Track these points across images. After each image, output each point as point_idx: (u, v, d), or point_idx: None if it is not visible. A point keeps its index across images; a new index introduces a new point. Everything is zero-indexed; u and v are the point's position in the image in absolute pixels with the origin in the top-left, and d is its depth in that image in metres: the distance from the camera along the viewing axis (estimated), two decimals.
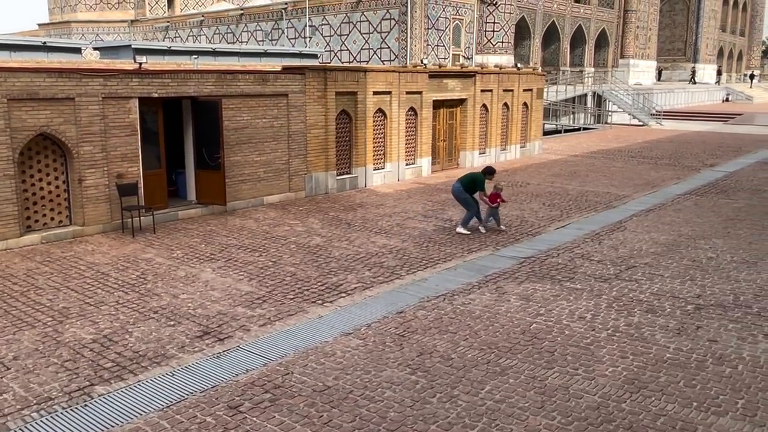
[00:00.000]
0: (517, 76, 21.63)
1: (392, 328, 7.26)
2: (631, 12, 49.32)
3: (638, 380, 5.91)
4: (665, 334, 6.98)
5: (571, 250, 10.50)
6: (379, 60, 34.13)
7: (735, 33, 73.23)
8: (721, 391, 5.71)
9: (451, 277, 9.12)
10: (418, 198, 15.03)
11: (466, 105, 19.48)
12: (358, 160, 15.99)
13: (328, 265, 9.70)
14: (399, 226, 12.17)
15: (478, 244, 10.98)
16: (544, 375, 6.04)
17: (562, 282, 8.84)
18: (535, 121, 22.91)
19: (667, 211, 13.63)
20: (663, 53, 59.20)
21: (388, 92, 16.47)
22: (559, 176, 18.27)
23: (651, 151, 24.19)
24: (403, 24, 33.59)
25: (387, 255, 10.25)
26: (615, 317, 7.50)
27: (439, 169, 18.93)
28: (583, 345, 6.71)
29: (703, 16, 60.55)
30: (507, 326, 7.25)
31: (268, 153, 13.95)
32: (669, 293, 8.34)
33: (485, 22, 36.35)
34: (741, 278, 8.99)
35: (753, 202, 14.50)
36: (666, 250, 10.51)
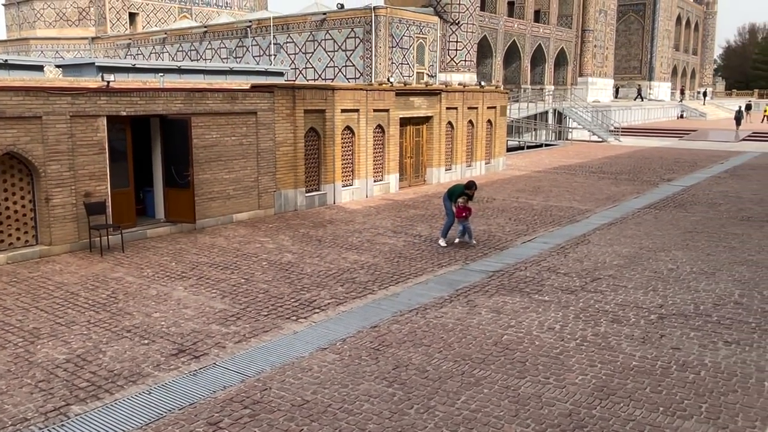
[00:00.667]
0: (481, 93, 22.08)
1: (367, 342, 7.36)
2: (589, 32, 50.74)
3: (607, 387, 6.13)
4: (631, 343, 7.24)
5: (538, 264, 10.77)
6: (344, 78, 34.42)
7: (688, 52, 75.82)
8: (686, 396, 5.96)
9: (422, 292, 9.27)
10: (387, 214, 15.20)
11: (432, 122, 19.81)
12: (327, 177, 16.11)
13: (301, 281, 9.76)
14: (369, 242, 12.31)
15: (448, 258, 11.17)
16: (517, 384, 6.21)
17: (530, 294, 9.07)
18: (499, 137, 23.37)
19: (628, 224, 14.06)
20: (620, 71, 60.94)
21: (355, 110, 16.67)
22: (524, 191, 18.67)
23: (611, 167, 24.87)
24: (368, 42, 33.98)
25: (359, 270, 10.36)
26: (582, 327, 7.74)
27: (407, 186, 19.16)
28: (553, 355, 6.92)
29: (657, 35, 62.62)
30: (479, 338, 7.42)
31: (237, 170, 13.97)
32: (633, 304, 8.64)
33: (448, 41, 36.97)
34: (700, 288, 9.35)
35: (709, 215, 15.06)
36: (628, 262, 10.86)
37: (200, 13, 52.61)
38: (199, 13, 52.57)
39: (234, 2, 55.56)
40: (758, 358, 6.80)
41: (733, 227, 13.67)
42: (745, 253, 11.39)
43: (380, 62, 33.92)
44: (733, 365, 6.63)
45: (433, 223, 14.07)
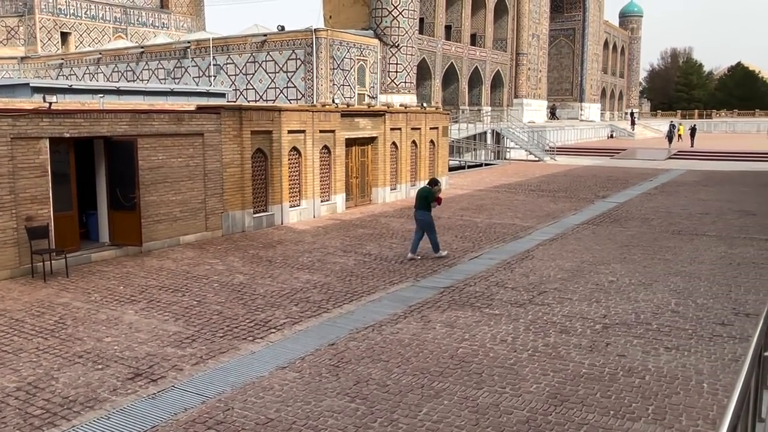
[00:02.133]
0: (424, 114, 22.57)
1: (326, 359, 7.44)
2: (523, 55, 52.54)
3: (560, 394, 6.41)
4: (579, 352, 7.58)
5: (486, 279, 11.09)
6: (286, 99, 34.48)
7: (615, 75, 79.33)
8: (633, 399, 6.30)
9: (377, 309, 9.42)
10: (335, 234, 15.31)
11: (376, 143, 20.10)
12: (275, 197, 16.12)
13: (254, 302, 9.75)
14: (320, 262, 12.38)
15: (399, 276, 11.37)
16: (476, 395, 6.42)
17: (481, 308, 9.35)
18: (441, 157, 23.89)
19: (568, 239, 14.63)
20: (553, 93, 63.18)
21: (302, 131, 16.79)
22: (467, 210, 19.13)
23: (549, 185, 25.75)
24: (309, 64, 34.20)
25: (312, 290, 10.42)
26: (533, 338, 8.05)
27: (353, 206, 19.34)
28: (508, 365, 7.17)
29: (586, 59, 65.35)
30: (436, 352, 7.61)
31: (184, 192, 13.83)
32: (579, 315, 9.03)
33: (388, 63, 37.60)
34: (640, 298, 9.85)
35: (643, 230, 15.82)
36: (571, 275, 11.32)
37: (136, 34, 51.71)
38: (135, 33, 51.67)
39: (171, 23, 54.89)
40: (696, 362, 7.24)
41: (665, 241, 14.41)
42: (678, 265, 12.04)
43: (322, 84, 34.17)
44: (675, 369, 7.04)
45: (382, 242, 14.27)
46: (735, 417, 2.25)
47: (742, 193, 22.73)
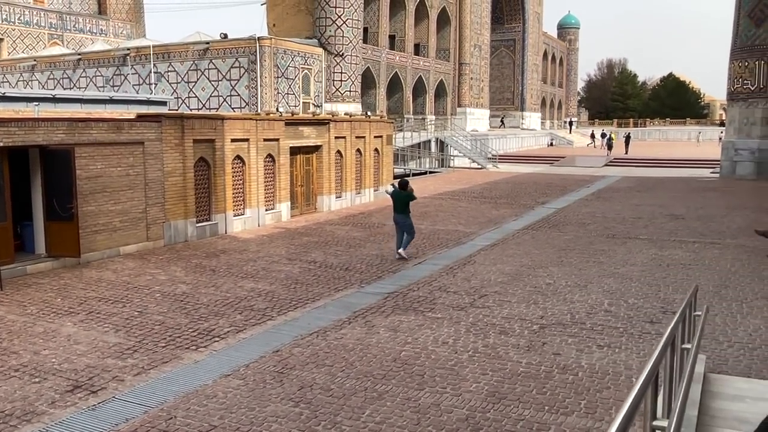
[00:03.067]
0: (368, 123, 22.78)
1: (270, 366, 7.49)
2: (465, 65, 53.55)
3: (498, 392, 6.64)
4: (517, 352, 7.85)
5: (429, 284, 11.32)
6: (230, 107, 34.18)
7: (555, 85, 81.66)
8: (567, 395, 6.59)
9: (321, 315, 9.51)
10: (280, 242, 15.31)
11: (321, 151, 20.19)
12: (218, 206, 16.00)
13: (198, 311, 9.69)
14: (265, 270, 12.38)
15: (344, 283, 11.48)
16: (417, 396, 6.59)
17: (424, 312, 9.55)
18: (386, 165, 24.14)
19: (509, 244, 15.04)
20: (495, 102, 64.57)
21: (246, 139, 16.73)
22: (412, 216, 19.33)
23: (491, 192, 26.33)
24: (253, 72, 34.02)
25: (256, 298, 10.42)
26: (473, 340, 8.29)
27: (298, 214, 19.35)
28: (449, 366, 7.38)
29: (527, 69, 67.08)
30: (379, 356, 7.76)
31: (124, 202, 13.60)
32: (517, 316, 9.34)
33: (333, 72, 37.75)
34: (575, 299, 10.24)
35: (579, 234, 16.40)
36: (511, 279, 11.67)
37: (72, 40, 50.31)
38: (72, 40, 50.27)
39: (109, 29, 53.63)
40: (626, 358, 7.61)
41: (600, 244, 14.98)
42: (611, 267, 12.56)
43: (266, 92, 34.04)
44: (606, 365, 7.38)
45: (327, 250, 14.35)
46: (635, 402, 2.46)
47: (672, 198, 23.78)
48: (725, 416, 5.23)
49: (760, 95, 31.44)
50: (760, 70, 31.04)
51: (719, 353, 7.83)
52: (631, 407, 2.23)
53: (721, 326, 8.84)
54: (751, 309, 9.71)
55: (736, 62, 32.08)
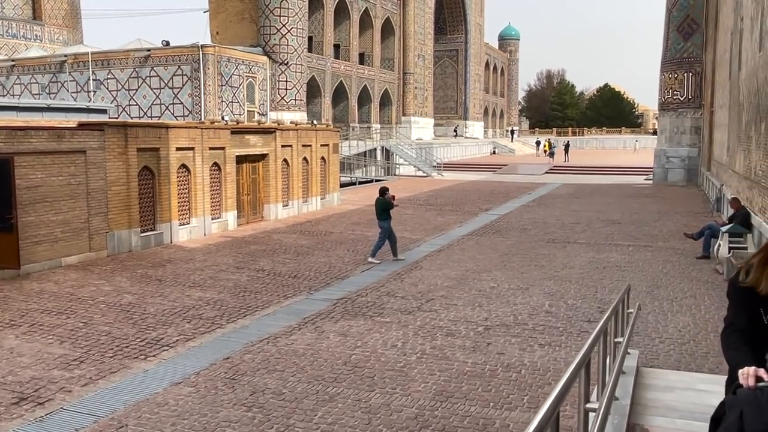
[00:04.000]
0: (314, 132, 22.90)
1: (221, 373, 7.53)
2: (409, 74, 54.28)
3: (446, 391, 6.89)
4: (463, 352, 8.13)
5: (377, 289, 11.53)
6: (172, 115, 33.72)
7: (496, 94, 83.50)
8: (511, 391, 6.89)
9: (271, 322, 9.58)
10: (227, 251, 15.25)
11: (268, 160, 20.19)
12: (163, 216, 15.82)
13: (145, 321, 9.62)
14: (212, 279, 12.34)
15: (293, 290, 11.57)
16: (368, 397, 6.77)
17: (373, 317, 9.75)
18: (333, 174, 24.29)
19: (454, 250, 15.40)
20: (439, 111, 65.61)
21: (191, 148, 16.62)
22: (359, 224, 19.60)
23: (436, 199, 26.79)
24: (196, 80, 33.68)
25: (204, 307, 10.41)
26: (421, 342, 8.53)
27: (245, 223, 19.28)
28: (398, 368, 7.59)
29: (469, 79, 68.42)
30: (330, 360, 7.90)
31: (66, 212, 13.32)
32: (463, 319, 9.63)
33: (278, 80, 37.72)
34: (518, 302, 10.63)
35: (521, 239, 16.93)
36: (457, 283, 11.99)
37: (5, 46, 48.56)
38: (4, 46, 48.51)
39: (45, 35, 52.00)
40: (566, 356, 7.98)
41: (541, 249, 15.51)
42: (552, 270, 13.05)
43: (210, 100, 33.72)
44: (547, 363, 7.73)
45: (275, 258, 14.40)
46: (562, 391, 2.71)
47: (608, 204, 24.74)
48: (657, 405, 5.60)
49: (689, 105, 33.07)
50: (688, 81, 32.66)
51: (651, 348, 8.29)
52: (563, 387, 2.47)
53: (653, 324, 9.36)
54: (681, 307, 10.29)
55: (667, 74, 33.65)
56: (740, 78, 17.73)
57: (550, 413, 2.12)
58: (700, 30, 31.82)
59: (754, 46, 15.04)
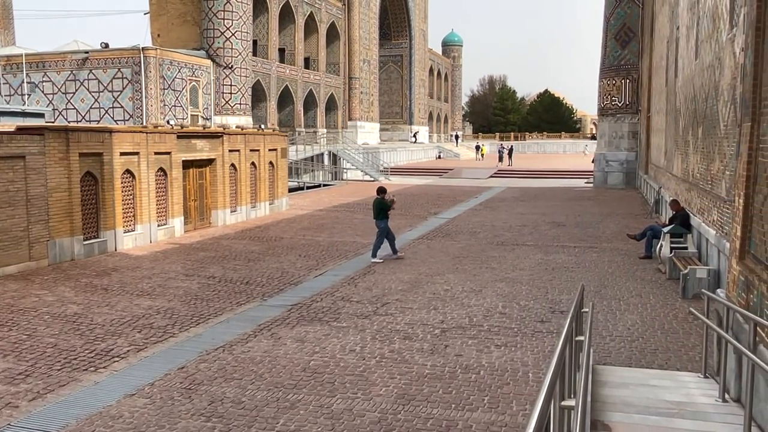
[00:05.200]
0: (262, 136, 22.65)
1: (177, 383, 7.35)
2: (355, 79, 54.35)
3: (407, 394, 6.91)
4: (422, 355, 8.17)
5: (332, 294, 11.48)
6: (112, 119, 32.77)
7: (441, 99, 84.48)
8: (471, 392, 6.96)
9: (225, 330, 9.41)
10: (175, 258, 14.91)
11: (215, 165, 19.84)
12: (107, 223, 15.33)
13: (93, 332, 9.30)
14: (162, 287, 12.04)
15: (246, 296, 11.40)
16: (330, 402, 6.73)
17: (329, 322, 9.70)
18: (281, 178, 24.07)
19: (406, 254, 15.47)
20: (385, 116, 65.92)
21: (136, 153, 16.17)
22: (309, 229, 19.48)
23: None
24: (137, 83, 32.85)
25: (155, 316, 10.14)
26: (379, 346, 8.53)
27: (192, 229, 18.88)
28: (358, 373, 7.57)
29: (414, 84, 69.01)
30: (288, 366, 7.82)
31: (4, 220, 12.76)
32: (419, 322, 9.69)
33: (222, 84, 37.14)
34: (471, 304, 10.76)
35: (471, 242, 17.16)
36: (411, 286, 12.06)
37: None
38: None
39: None
40: (522, 356, 8.13)
41: (491, 251, 15.76)
42: (503, 272, 13.27)
43: (152, 104, 32.93)
44: (504, 363, 7.86)
45: (226, 264, 14.15)
46: (549, 392, 2.77)
47: (553, 207, 25.36)
48: (614, 401, 5.77)
49: (627, 111, 34.26)
50: (626, 88, 33.83)
51: (603, 346, 8.54)
52: (549, 388, 2.52)
53: (603, 322, 9.63)
54: (628, 306, 10.63)
55: (605, 80, 34.77)
56: (677, 85, 18.49)
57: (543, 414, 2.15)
58: (636, 38, 33.02)
59: (690, 55, 15.71)
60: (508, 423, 6.20)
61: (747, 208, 5.84)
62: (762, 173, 5.45)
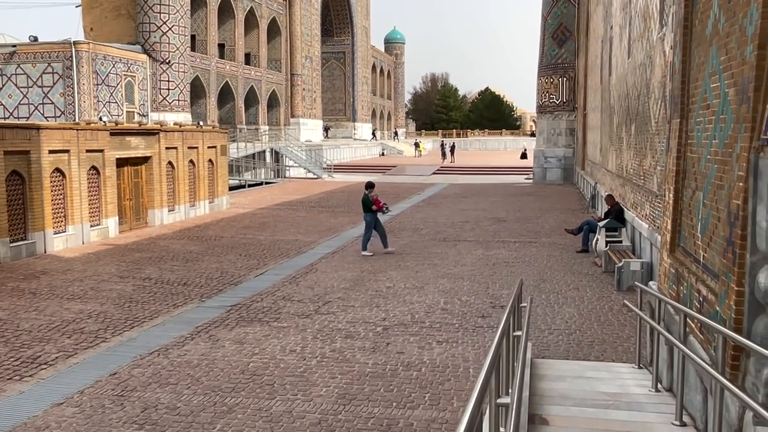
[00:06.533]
0: (201, 133, 22.13)
1: (108, 390, 7.05)
2: (297, 75, 53.80)
3: (348, 394, 6.83)
4: (364, 353, 8.10)
5: (273, 294, 11.28)
6: (42, 116, 31.41)
7: (384, 96, 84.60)
8: (412, 390, 6.94)
9: (161, 333, 9.11)
10: (109, 259, 14.38)
11: (151, 162, 19.26)
12: (36, 224, 14.66)
13: (18, 338, 8.85)
14: (94, 290, 11.58)
15: (183, 298, 11.08)
16: (269, 405, 6.58)
17: (269, 323, 9.52)
18: (221, 177, 23.58)
19: (348, 251, 15.39)
20: (327, 113, 65.50)
21: (66, 151, 15.52)
22: (250, 228, 19.15)
23: (328, 201, 26.71)
24: (69, 78, 31.59)
25: (86, 320, 9.73)
26: (321, 346, 8.42)
27: (128, 229, 18.27)
28: (298, 374, 7.44)
29: (357, 81, 68.85)
30: (226, 369, 7.62)
31: None
32: (361, 320, 9.62)
33: (159, 80, 36.12)
34: (414, 301, 10.76)
35: (414, 239, 17.21)
36: (353, 284, 11.98)
37: None
38: None
39: None
40: (463, 351, 8.17)
41: (434, 248, 15.84)
42: (445, 268, 13.34)
43: (84, 100, 31.74)
44: (446, 359, 7.87)
45: (162, 265, 13.74)
46: (483, 386, 2.74)
47: (494, 203, 25.72)
48: (552, 395, 5.83)
49: (564, 108, 35.07)
50: (563, 85, 34.62)
51: (542, 340, 8.66)
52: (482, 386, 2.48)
53: (542, 316, 9.78)
54: (566, 299, 10.84)
55: (543, 78, 35.50)
56: (611, 83, 19.01)
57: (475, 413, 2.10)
58: (573, 37, 33.84)
59: (623, 53, 16.16)
60: (449, 420, 6.19)
61: (677, 202, 6.00)
62: (690, 168, 5.60)
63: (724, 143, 4.57)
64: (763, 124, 3.75)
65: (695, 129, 5.55)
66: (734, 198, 4.13)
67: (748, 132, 3.95)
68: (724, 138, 4.57)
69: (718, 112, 4.77)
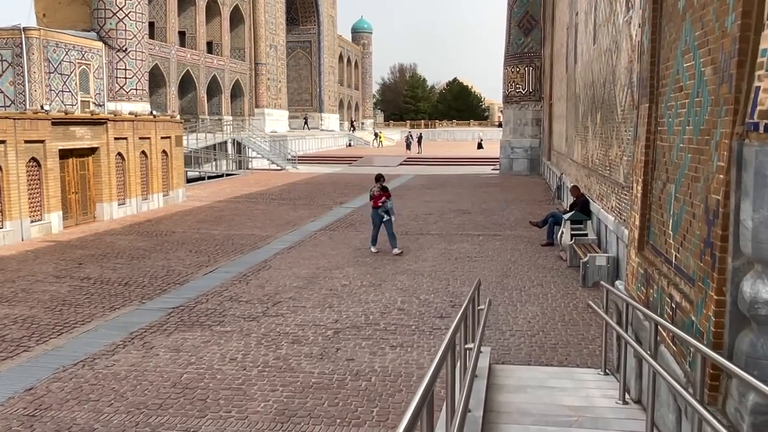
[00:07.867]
0: (153, 123, 21.15)
1: (20, 409, 6.28)
2: (262, 65, 52.57)
3: (288, 410, 6.17)
4: (310, 361, 7.45)
5: (220, 294, 10.55)
6: None
7: (351, 87, 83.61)
8: (360, 404, 6.31)
9: (91, 340, 8.34)
10: (48, 258, 13.46)
11: (99, 154, 18.26)
12: None
13: None
14: (25, 291, 10.70)
15: (122, 299, 10.29)
16: (198, 425, 5.89)
17: (212, 327, 8.80)
18: (176, 168, 22.62)
19: (306, 246, 14.70)
20: (294, 103, 64.34)
21: (2, 141, 14.49)
22: (205, 222, 18.31)
23: (289, 193, 25.92)
24: (19, 67, 30.17)
25: (11, 326, 8.90)
26: (264, 353, 7.74)
27: (73, 224, 17.29)
28: (235, 386, 6.75)
29: (323, 71, 67.77)
30: (156, 382, 6.89)
31: None
32: (311, 322, 8.96)
33: (116, 68, 34.77)
34: (370, 300, 10.13)
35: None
36: (307, 282, 11.30)
37: None
38: None
39: None
40: (418, 357, 7.56)
41: None
42: (404, 264, 12.74)
43: (36, 89, 30.35)
44: (399, 367, 7.25)
45: (105, 263, 12.89)
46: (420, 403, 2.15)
47: (459, 194, 25.20)
48: (510, 410, 5.26)
49: (530, 98, 34.71)
50: (529, 75, 34.25)
51: (503, 342, 8.10)
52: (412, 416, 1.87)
53: (504, 316, 9.23)
54: (529, 296, 10.32)
55: (510, 68, 35.08)
56: (576, 71, 18.56)
57: None
58: (539, 26, 33.43)
59: (588, 40, 15.68)
60: None
61: (645, 195, 5.45)
62: (661, 158, 5.05)
63: (699, 129, 4.00)
64: (749, 106, 3.17)
65: (666, 114, 4.99)
66: (713, 192, 3.56)
67: (730, 115, 3.37)
68: (699, 123, 4.01)
69: (693, 95, 4.21)
